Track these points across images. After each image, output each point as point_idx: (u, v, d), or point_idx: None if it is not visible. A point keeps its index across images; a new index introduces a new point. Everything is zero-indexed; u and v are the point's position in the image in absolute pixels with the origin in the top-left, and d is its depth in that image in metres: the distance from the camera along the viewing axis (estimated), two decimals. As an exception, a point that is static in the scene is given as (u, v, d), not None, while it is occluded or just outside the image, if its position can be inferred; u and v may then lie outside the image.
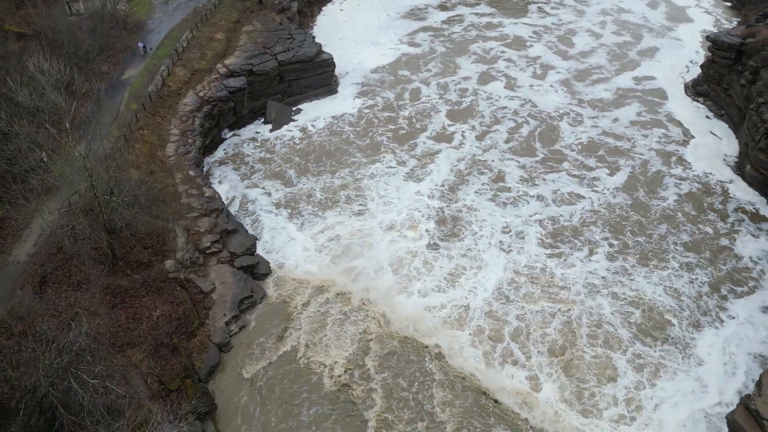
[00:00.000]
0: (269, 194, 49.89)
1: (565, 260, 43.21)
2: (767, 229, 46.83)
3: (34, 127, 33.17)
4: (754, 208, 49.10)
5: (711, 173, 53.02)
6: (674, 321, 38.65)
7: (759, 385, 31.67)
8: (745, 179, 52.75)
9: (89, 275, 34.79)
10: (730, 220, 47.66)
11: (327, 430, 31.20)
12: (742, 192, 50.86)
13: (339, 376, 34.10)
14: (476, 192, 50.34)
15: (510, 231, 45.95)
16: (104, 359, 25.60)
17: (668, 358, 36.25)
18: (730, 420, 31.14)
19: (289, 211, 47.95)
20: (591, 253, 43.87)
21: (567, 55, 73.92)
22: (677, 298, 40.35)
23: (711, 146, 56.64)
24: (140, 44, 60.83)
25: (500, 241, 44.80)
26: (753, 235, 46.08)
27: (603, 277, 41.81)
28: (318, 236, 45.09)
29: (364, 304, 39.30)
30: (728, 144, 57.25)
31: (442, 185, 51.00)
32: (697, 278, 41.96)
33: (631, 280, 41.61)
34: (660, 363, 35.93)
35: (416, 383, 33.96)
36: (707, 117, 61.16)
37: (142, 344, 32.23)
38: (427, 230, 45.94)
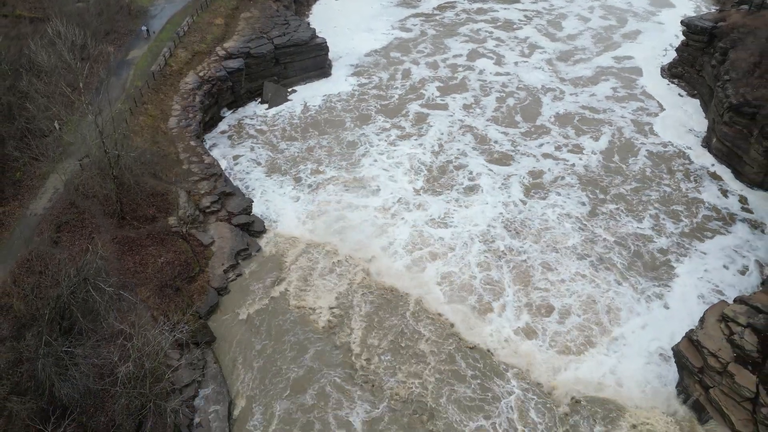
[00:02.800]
0: (264, 162, 53.52)
1: (547, 207, 48.11)
2: (733, 192, 50.48)
3: (51, 86, 36.70)
4: (720, 178, 52.56)
5: (678, 144, 56.82)
6: (642, 262, 42.79)
7: (702, 320, 35.16)
8: (711, 152, 56.20)
9: (100, 227, 38.34)
10: (695, 184, 51.41)
11: (314, 355, 34.79)
12: (707, 163, 54.34)
13: (326, 316, 37.66)
14: (463, 150, 54.89)
15: (498, 182, 50.84)
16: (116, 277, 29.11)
17: (634, 297, 39.98)
18: (676, 350, 34.61)
19: (284, 177, 51.55)
20: (565, 208, 48.09)
21: (555, 38, 77.89)
22: (646, 241, 44.69)
23: (681, 120, 60.27)
24: (143, 28, 64.36)
25: (487, 190, 49.79)
26: (718, 197, 49.98)
27: (580, 223, 46.36)
28: (311, 198, 48.74)
29: (350, 258, 42.84)
30: (698, 120, 60.78)
31: (432, 144, 55.73)
32: (664, 224, 46.53)
33: (608, 224, 46.21)
34: (626, 302, 39.60)
35: (395, 320, 37.50)
36: (680, 95, 64.75)
37: (148, 284, 35.80)
38: (413, 184, 50.43)
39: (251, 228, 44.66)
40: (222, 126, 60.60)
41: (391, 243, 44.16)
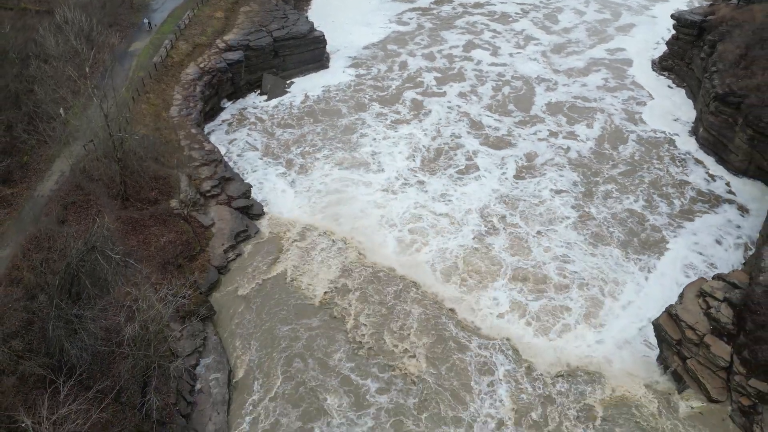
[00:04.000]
0: (262, 149, 55.21)
1: (542, 186, 50.30)
2: (719, 177, 52.24)
3: (59, 71, 38.20)
4: (706, 166, 54.14)
5: (665, 132, 58.60)
6: (632, 238, 44.79)
7: (681, 296, 36.75)
8: (698, 141, 57.76)
9: (105, 207, 39.88)
10: (682, 168, 53.13)
11: (310, 328, 36.38)
12: (694, 151, 55.95)
13: (321, 292, 39.25)
14: (460, 134, 57.17)
15: (494, 163, 53.09)
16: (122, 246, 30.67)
17: (621, 272, 41.84)
18: (656, 324, 36.17)
19: (281, 162, 53.20)
20: (558, 186, 50.43)
21: (550, 30, 79.79)
22: (636, 218, 46.91)
23: (669, 110, 62.04)
24: (145, 20, 65.95)
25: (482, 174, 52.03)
26: (705, 181, 51.78)
27: (574, 201, 48.57)
28: (308, 182, 50.41)
29: (346, 238, 44.38)
30: (686, 111, 62.34)
31: (429, 128, 58.01)
32: (654, 203, 48.67)
33: (601, 203, 48.38)
34: (613, 277, 41.34)
35: (389, 297, 39.07)
36: (669, 87, 66.36)
37: (151, 262, 37.33)
38: (410, 163, 52.77)
39: (250, 211, 46.22)
40: (222, 116, 62.15)
41: (387, 222, 45.91)
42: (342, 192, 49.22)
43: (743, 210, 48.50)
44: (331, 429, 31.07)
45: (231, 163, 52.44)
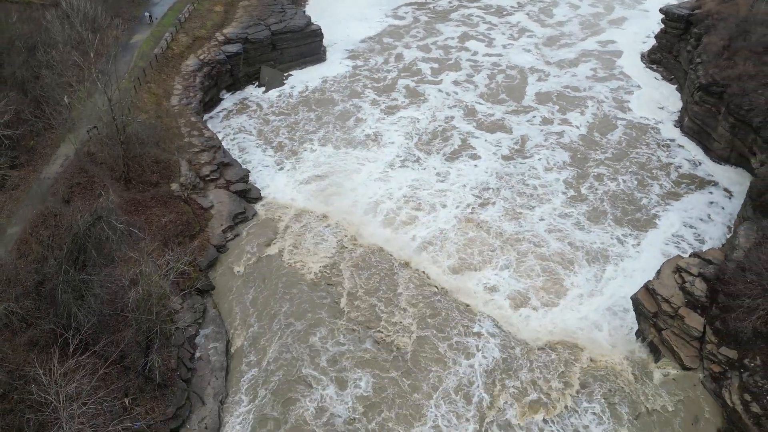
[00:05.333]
0: (261, 137, 56.93)
1: (535, 167, 52.78)
2: (704, 164, 54.08)
3: (65, 55, 39.95)
4: (691, 153, 55.90)
5: (651, 120, 60.42)
6: (620, 216, 47.01)
7: (659, 271, 38.48)
8: (683, 131, 59.49)
9: (108, 188, 41.53)
10: (667, 152, 55.23)
11: (304, 302, 38.15)
12: (679, 140, 57.70)
13: (316, 270, 41.00)
14: (455, 118, 59.50)
15: (490, 145, 55.73)
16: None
17: (609, 248, 43.88)
18: (634, 299, 37.91)
19: (279, 149, 54.97)
20: (551, 164, 52.93)
21: (545, 24, 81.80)
22: (625, 197, 49.12)
23: (655, 99, 64.02)
24: (146, 13, 67.67)
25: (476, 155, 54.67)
26: (689, 166, 53.67)
27: (567, 180, 50.97)
28: (305, 168, 52.22)
29: (341, 221, 46.11)
30: (673, 102, 64.06)
31: (424, 113, 60.54)
32: (641, 183, 50.85)
33: (592, 182, 50.80)
34: (600, 253, 43.32)
35: (381, 275, 40.82)
36: (656, 78, 68.14)
37: (153, 240, 39.05)
38: (404, 146, 55.19)
39: (248, 195, 47.96)
40: (221, 107, 63.90)
41: (381, 203, 47.87)
42: (338, 175, 51.25)
43: (728, 192, 50.25)
44: (323, 391, 32.80)
45: (230, 150, 54.14)
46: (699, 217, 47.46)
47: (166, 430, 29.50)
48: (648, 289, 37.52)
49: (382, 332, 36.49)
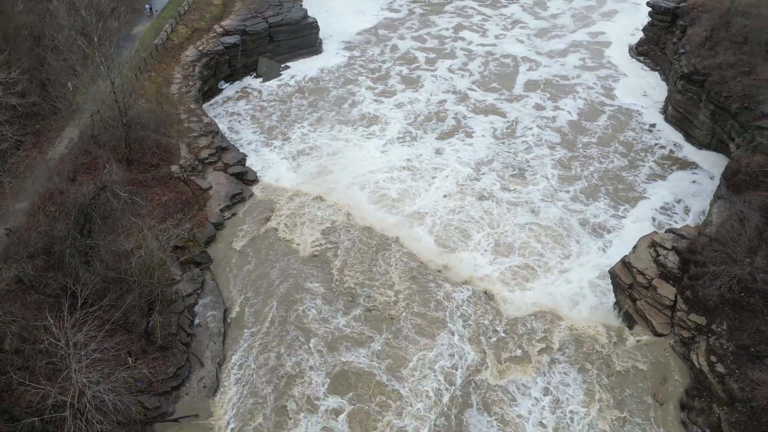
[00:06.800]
0: (258, 124, 59.00)
1: (528, 148, 55.65)
2: (686, 149, 56.26)
3: (70, 40, 41.87)
4: (675, 140, 57.99)
5: (636, 108, 62.64)
6: (607, 194, 49.48)
7: (635, 247, 40.47)
8: (667, 119, 61.51)
9: (112, 163, 43.52)
10: (651, 134, 57.91)
11: (298, 275, 40.15)
12: (663, 127, 59.73)
13: (310, 246, 43.00)
14: (451, 102, 62.19)
15: (485, 126, 58.41)
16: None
17: (595, 224, 46.23)
18: (612, 272, 39.90)
19: (275, 135, 57.03)
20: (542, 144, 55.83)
21: (538, 16, 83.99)
22: (612, 176, 51.68)
23: (641, 88, 66.23)
24: (147, 6, 69.58)
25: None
26: (673, 149, 56.17)
27: (557, 160, 53.63)
28: (302, 152, 54.35)
29: (335, 202, 48.00)
30: (658, 92, 66.06)
31: (419, 97, 63.22)
32: (631, 165, 53.34)
33: (581, 163, 53.34)
34: (585, 229, 45.52)
35: (373, 251, 42.82)
36: (643, 69, 70.18)
37: (154, 216, 40.98)
38: (400, 129, 57.88)
39: (245, 177, 49.92)
40: (219, 96, 65.90)
41: (375, 181, 49.99)
42: (334, 155, 53.62)
43: (710, 174, 52.30)
44: (315, 355, 34.79)
45: (228, 136, 56.12)
46: (682, 196, 49.68)
47: (167, 388, 31.48)
48: (624, 262, 39.50)
49: (371, 303, 38.42)
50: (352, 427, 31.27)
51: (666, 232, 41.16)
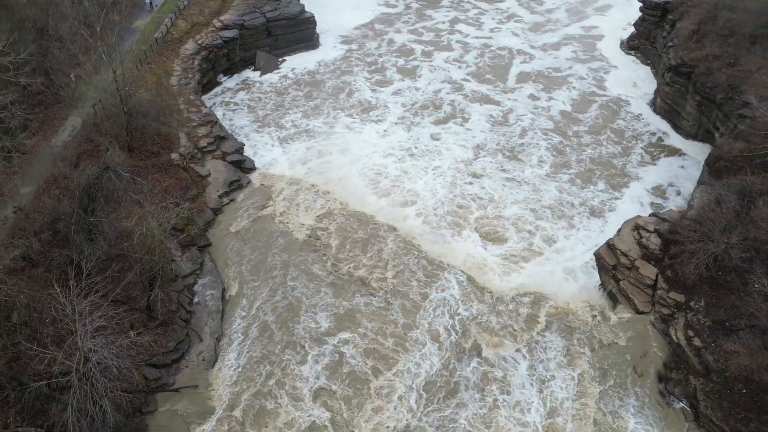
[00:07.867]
0: (256, 114, 60.46)
1: (522, 136, 57.52)
2: (673, 140, 57.84)
3: (73, 30, 43.27)
4: (663, 130, 59.51)
5: (626, 98, 64.25)
6: (596, 180, 51.30)
7: (619, 230, 41.92)
8: (656, 111, 62.97)
9: (114, 146, 44.89)
10: (642, 123, 59.63)
11: (294, 256, 41.57)
12: (651, 117, 61.22)
13: (305, 229, 44.43)
14: (448, 91, 64.10)
15: (482, 113, 60.31)
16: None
17: (584, 207, 47.97)
18: (596, 254, 41.38)
19: (272, 125, 58.42)
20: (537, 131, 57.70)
21: (534, 11, 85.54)
22: (603, 161, 53.68)
23: (630, 79, 67.90)
24: (147, 1, 70.95)
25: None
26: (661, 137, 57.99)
27: (552, 146, 55.52)
28: (299, 141, 55.78)
29: (331, 190, 49.41)
30: (648, 84, 67.50)
31: (416, 86, 65.14)
32: (621, 152, 55.31)
33: (573, 151, 55.18)
34: (575, 211, 47.19)
35: (366, 236, 44.24)
36: (634, 62, 71.68)
37: (155, 194, 42.40)
38: (396, 115, 59.81)
39: (243, 165, 51.34)
40: (218, 88, 67.29)
41: (371, 171, 51.37)
42: (331, 143, 55.00)
43: (696, 161, 53.73)
44: (309, 330, 36.22)
45: (227, 127, 57.54)
46: (670, 182, 51.20)
47: (167, 360, 32.90)
48: (609, 245, 40.98)
49: (365, 284, 39.82)
50: (344, 399, 32.70)
51: (649, 215, 42.60)
